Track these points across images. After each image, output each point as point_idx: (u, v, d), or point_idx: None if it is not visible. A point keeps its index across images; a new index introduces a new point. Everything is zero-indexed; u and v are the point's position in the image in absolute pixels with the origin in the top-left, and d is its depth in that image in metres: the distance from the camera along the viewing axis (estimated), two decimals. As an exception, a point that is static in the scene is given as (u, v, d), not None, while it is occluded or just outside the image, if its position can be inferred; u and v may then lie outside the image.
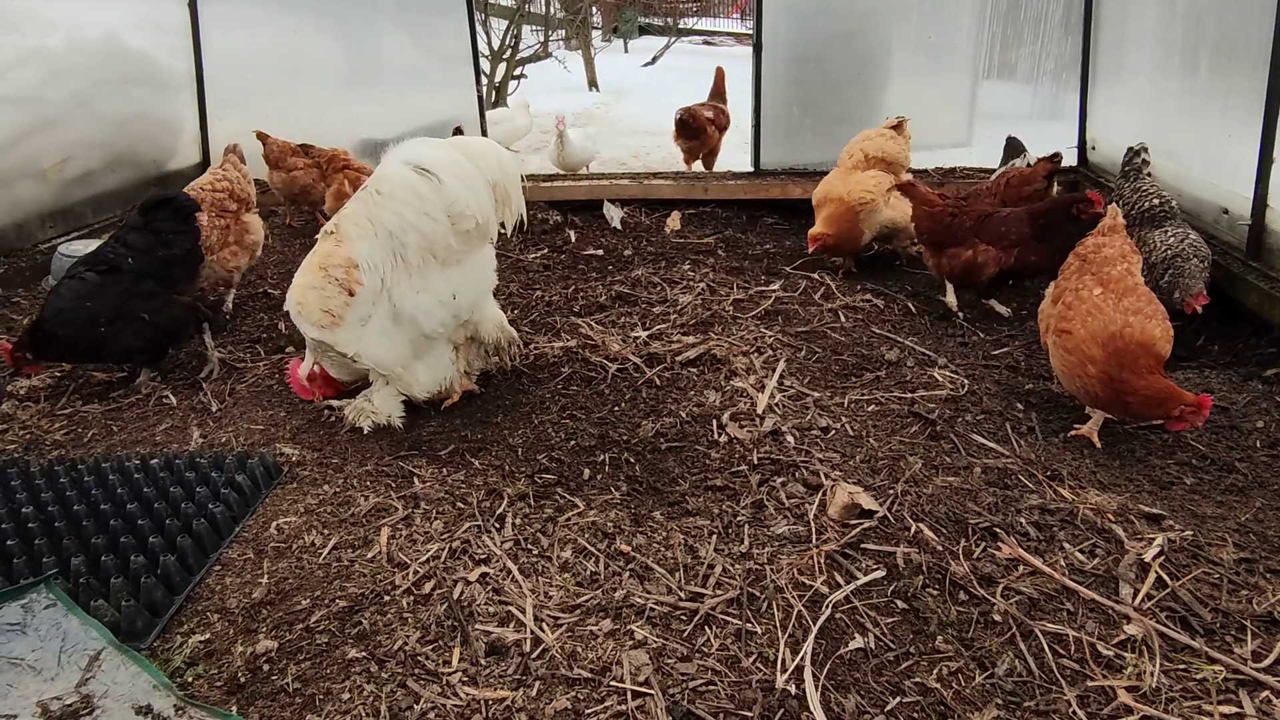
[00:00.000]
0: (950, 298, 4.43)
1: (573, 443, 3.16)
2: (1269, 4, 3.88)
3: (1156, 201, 4.16)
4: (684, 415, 3.31)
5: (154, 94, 6.29)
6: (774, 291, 4.57)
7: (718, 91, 7.71)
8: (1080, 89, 6.02)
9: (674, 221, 5.98)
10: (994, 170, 5.95)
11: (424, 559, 2.55)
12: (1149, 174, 4.36)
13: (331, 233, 3.16)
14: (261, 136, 5.78)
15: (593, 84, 13.93)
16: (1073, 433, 3.17)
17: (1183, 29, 4.76)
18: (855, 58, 6.27)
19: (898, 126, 5.18)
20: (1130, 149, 4.48)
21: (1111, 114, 5.79)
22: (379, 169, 3.19)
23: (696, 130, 7.07)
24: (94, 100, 5.68)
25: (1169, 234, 3.98)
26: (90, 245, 4.46)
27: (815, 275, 4.83)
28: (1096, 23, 5.86)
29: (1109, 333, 2.97)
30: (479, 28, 7.33)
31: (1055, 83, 6.18)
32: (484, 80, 7.37)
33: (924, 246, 4.57)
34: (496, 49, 11.17)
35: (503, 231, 3.35)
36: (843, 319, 4.26)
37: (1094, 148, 5.97)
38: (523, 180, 3.37)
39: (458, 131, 6.31)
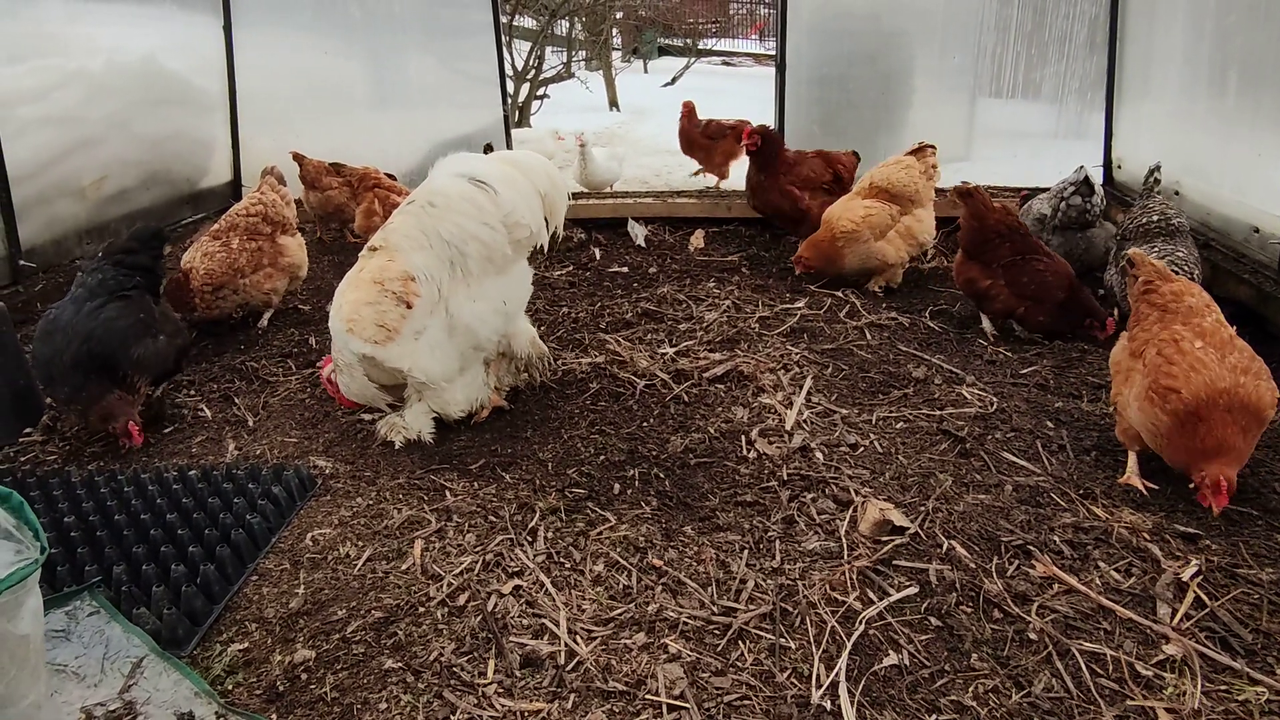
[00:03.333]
0: (986, 325, 4.37)
1: (602, 458, 3.18)
2: (1298, 23, 3.89)
3: (1156, 218, 4.16)
4: (712, 431, 3.32)
5: (189, 114, 6.46)
6: (799, 309, 4.59)
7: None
8: (1105, 108, 6.02)
9: (698, 239, 6.01)
10: (1013, 189, 5.98)
11: (457, 571, 2.57)
12: (1158, 192, 4.37)
13: (378, 249, 3.17)
14: (298, 157, 5.88)
15: (613, 104, 14.05)
16: (1121, 480, 2.97)
17: (1210, 48, 4.76)
18: (878, 78, 6.32)
19: (918, 152, 4.96)
20: (1149, 168, 4.50)
21: (1138, 133, 5.78)
22: (427, 183, 3.23)
23: None
24: (131, 120, 5.84)
25: (1153, 249, 3.99)
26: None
27: (840, 293, 4.84)
28: (1122, 42, 5.87)
29: (1218, 389, 2.69)
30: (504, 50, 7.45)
31: (1080, 102, 6.19)
32: (509, 101, 7.47)
33: (964, 247, 4.48)
34: (520, 70, 11.34)
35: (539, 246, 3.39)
36: (868, 336, 4.27)
37: (1119, 166, 5.96)
38: (570, 197, 3.43)
39: (488, 149, 6.40)
